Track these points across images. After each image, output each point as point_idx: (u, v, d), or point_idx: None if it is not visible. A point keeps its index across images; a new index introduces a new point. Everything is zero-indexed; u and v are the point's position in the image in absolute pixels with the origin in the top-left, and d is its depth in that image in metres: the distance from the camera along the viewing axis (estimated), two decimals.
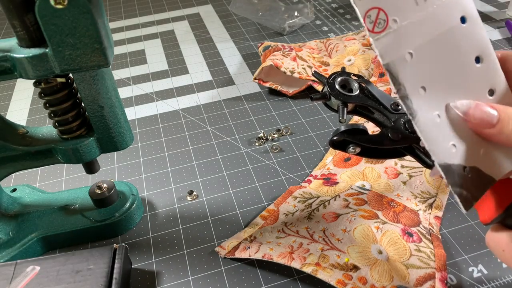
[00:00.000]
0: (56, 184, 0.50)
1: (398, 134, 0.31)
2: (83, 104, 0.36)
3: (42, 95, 0.35)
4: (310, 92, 0.61)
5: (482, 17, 0.77)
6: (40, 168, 0.52)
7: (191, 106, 0.61)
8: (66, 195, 0.44)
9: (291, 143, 0.52)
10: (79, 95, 0.36)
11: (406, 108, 0.23)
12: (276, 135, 0.53)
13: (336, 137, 0.30)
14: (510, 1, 0.76)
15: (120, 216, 0.41)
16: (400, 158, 0.44)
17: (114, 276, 0.34)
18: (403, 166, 0.45)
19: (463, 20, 0.23)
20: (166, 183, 0.48)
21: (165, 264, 0.39)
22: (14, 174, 0.51)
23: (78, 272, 0.34)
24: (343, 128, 0.30)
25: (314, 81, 0.59)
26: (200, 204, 0.45)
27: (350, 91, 0.34)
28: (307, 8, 0.80)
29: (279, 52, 0.63)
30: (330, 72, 0.63)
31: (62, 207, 0.42)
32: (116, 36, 0.83)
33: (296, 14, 0.79)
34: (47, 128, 0.38)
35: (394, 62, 0.23)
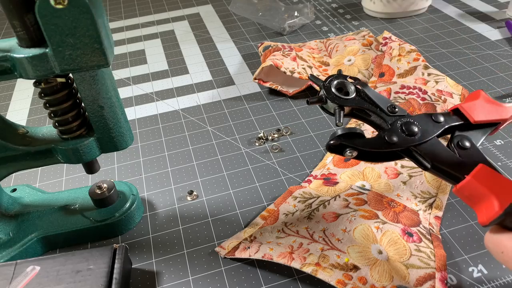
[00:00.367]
0: (56, 184, 0.50)
1: (395, 137, 0.31)
2: (83, 104, 0.36)
3: (42, 95, 0.35)
4: (310, 92, 0.61)
5: (482, 17, 0.77)
6: (40, 168, 0.52)
7: (191, 106, 0.61)
8: (66, 195, 0.44)
9: (291, 143, 0.52)
10: (79, 95, 0.36)
11: None
12: (276, 135, 0.53)
13: (332, 141, 0.30)
14: (510, 1, 0.76)
15: (120, 216, 0.41)
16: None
17: (114, 276, 0.34)
18: (403, 166, 0.45)
19: None
20: (166, 183, 0.48)
21: (165, 264, 0.39)
22: (14, 174, 0.51)
23: (78, 272, 0.34)
24: (340, 132, 0.30)
25: (313, 82, 0.59)
26: (200, 204, 0.45)
27: (347, 94, 0.34)
28: (307, 8, 0.80)
29: (279, 52, 0.63)
30: (330, 72, 0.63)
31: (62, 207, 0.42)
32: (116, 36, 0.83)
33: (296, 14, 0.79)
34: (47, 128, 0.38)
35: None
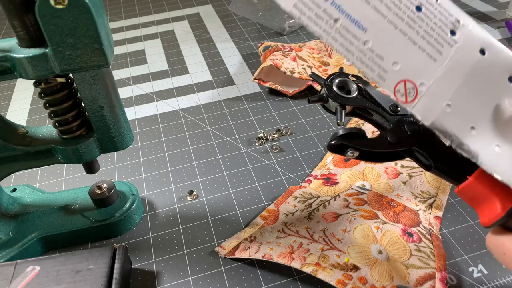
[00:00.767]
0: (56, 184, 0.50)
1: (397, 137, 0.30)
2: (83, 104, 0.36)
3: (42, 95, 0.35)
4: (310, 92, 0.61)
5: (482, 17, 0.77)
6: (40, 168, 0.52)
7: (191, 106, 0.61)
8: (66, 195, 0.44)
9: (291, 143, 0.52)
10: (79, 95, 0.36)
11: (466, 155, 0.24)
12: (276, 135, 0.53)
13: (334, 141, 0.30)
14: (510, 1, 0.76)
15: (120, 216, 0.41)
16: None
17: (114, 276, 0.34)
18: (403, 166, 0.45)
19: (483, 52, 0.23)
20: (166, 183, 0.48)
21: (165, 264, 0.39)
22: (14, 174, 0.51)
23: (78, 272, 0.34)
24: (341, 132, 0.30)
25: (314, 81, 0.59)
26: (200, 204, 0.45)
27: (348, 92, 0.33)
28: None
29: (279, 52, 0.63)
30: (330, 72, 0.63)
31: (62, 207, 0.42)
32: (116, 36, 0.83)
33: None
34: (47, 128, 0.38)
35: (437, 119, 0.23)
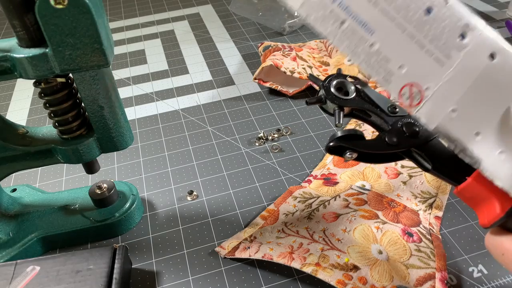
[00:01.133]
0: (56, 184, 0.50)
1: (396, 138, 0.30)
2: (83, 104, 0.36)
3: (42, 95, 0.35)
4: (310, 92, 0.61)
5: (482, 17, 0.77)
6: (40, 168, 0.52)
7: (191, 106, 0.61)
8: (66, 195, 0.44)
9: (291, 143, 0.52)
10: (79, 95, 0.36)
11: (469, 160, 0.23)
12: (276, 135, 0.53)
13: (332, 143, 0.30)
14: (510, 1, 0.76)
15: (120, 216, 0.41)
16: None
17: (114, 276, 0.34)
18: (403, 166, 0.45)
19: (493, 56, 0.23)
20: (166, 183, 0.48)
21: (165, 264, 0.39)
22: (14, 174, 0.51)
23: (78, 272, 0.34)
24: (339, 134, 0.30)
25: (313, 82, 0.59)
26: (200, 204, 0.45)
27: (346, 93, 0.33)
28: None
29: (279, 52, 0.63)
30: (330, 72, 0.63)
31: (62, 207, 0.42)
32: (116, 36, 0.83)
33: (296, 14, 0.79)
34: (47, 128, 0.38)
35: (441, 123, 0.23)
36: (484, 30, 0.23)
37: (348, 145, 0.30)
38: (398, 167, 0.46)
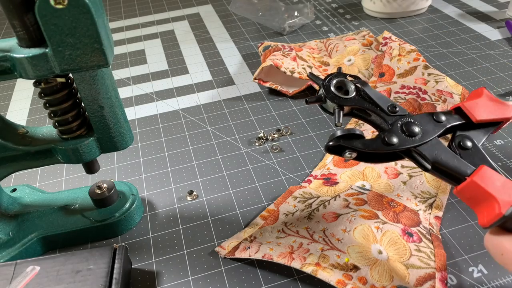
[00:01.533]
0: (56, 184, 0.50)
1: (395, 138, 0.30)
2: (83, 104, 0.36)
3: (42, 95, 0.35)
4: (310, 92, 0.61)
5: (482, 17, 0.77)
6: (40, 168, 0.52)
7: (191, 106, 0.61)
8: (66, 195, 0.44)
9: (291, 143, 0.52)
10: (79, 95, 0.36)
11: None
12: (276, 135, 0.53)
13: (331, 142, 0.30)
14: (510, 1, 0.76)
15: (120, 216, 0.41)
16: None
17: (114, 276, 0.34)
18: (403, 166, 0.45)
19: None
20: (166, 183, 0.48)
21: (165, 264, 0.39)
22: (14, 174, 0.51)
23: (78, 272, 0.34)
24: (339, 133, 0.30)
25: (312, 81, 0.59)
26: (200, 204, 0.45)
27: (346, 93, 0.33)
28: (307, 8, 0.80)
29: (279, 52, 0.63)
30: (330, 72, 0.63)
31: (62, 207, 0.42)
32: (116, 36, 0.83)
33: (296, 14, 0.79)
34: (47, 128, 0.38)
35: None
36: None
37: (347, 144, 0.30)
38: (398, 167, 0.46)
